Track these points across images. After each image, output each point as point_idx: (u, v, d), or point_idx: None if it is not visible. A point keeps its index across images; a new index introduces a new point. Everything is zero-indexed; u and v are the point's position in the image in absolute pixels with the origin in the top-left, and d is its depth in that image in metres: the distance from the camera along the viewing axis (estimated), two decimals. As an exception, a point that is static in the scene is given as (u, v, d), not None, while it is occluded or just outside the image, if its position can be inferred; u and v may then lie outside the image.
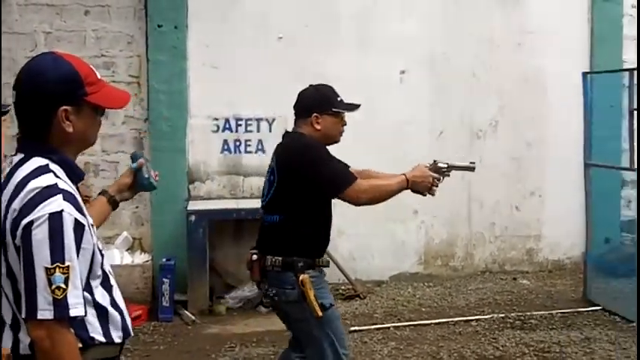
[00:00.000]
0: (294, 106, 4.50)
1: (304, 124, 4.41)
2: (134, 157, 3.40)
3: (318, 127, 4.37)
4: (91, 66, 2.70)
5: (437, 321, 7.34)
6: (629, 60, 9.26)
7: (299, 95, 4.52)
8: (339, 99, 4.46)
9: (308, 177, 4.22)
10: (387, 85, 8.63)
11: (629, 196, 9.45)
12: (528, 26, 9.09)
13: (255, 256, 4.34)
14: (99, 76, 2.69)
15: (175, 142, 8.15)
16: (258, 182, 8.36)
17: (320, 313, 4.15)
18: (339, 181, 4.22)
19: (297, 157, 4.31)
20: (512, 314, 7.49)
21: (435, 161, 4.58)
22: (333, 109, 4.41)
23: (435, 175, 4.45)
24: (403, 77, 8.75)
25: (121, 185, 3.36)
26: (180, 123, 8.17)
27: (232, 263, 8.13)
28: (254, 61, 8.35)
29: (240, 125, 8.39)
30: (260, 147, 8.42)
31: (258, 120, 8.42)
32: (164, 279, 7.42)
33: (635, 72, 7.40)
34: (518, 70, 9.09)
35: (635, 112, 7.08)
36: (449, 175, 4.61)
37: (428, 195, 4.48)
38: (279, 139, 8.31)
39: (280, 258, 4.22)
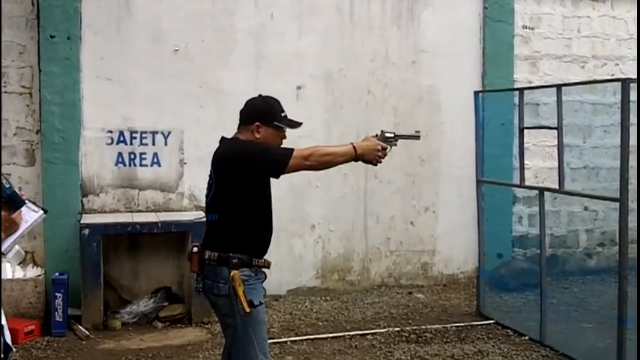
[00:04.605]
0: (240, 112, 4.58)
1: (245, 131, 4.50)
2: None
3: (258, 135, 4.45)
4: None
5: (333, 335, 7.35)
6: (520, 79, 9.53)
7: (246, 103, 4.60)
8: (282, 114, 4.56)
9: (251, 167, 4.33)
10: (283, 101, 8.50)
11: (519, 212, 9.69)
12: (422, 45, 9.23)
13: (195, 249, 4.48)
14: None
15: (68, 154, 7.97)
16: (153, 195, 8.30)
17: (247, 309, 4.28)
18: (279, 158, 4.32)
19: (236, 156, 4.39)
20: (408, 328, 7.56)
21: (382, 131, 4.69)
22: (275, 123, 4.50)
23: (383, 144, 4.55)
24: (300, 93, 8.77)
25: None
26: (73, 135, 8.00)
27: (127, 277, 8.06)
28: (149, 73, 8.27)
29: (135, 138, 8.27)
30: (155, 160, 8.31)
31: (154, 133, 8.32)
32: (57, 293, 7.30)
33: (525, 92, 7.62)
34: (413, 88, 9.22)
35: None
36: (396, 145, 4.72)
37: (378, 165, 4.61)
38: (175, 153, 8.37)
39: (217, 253, 4.37)
